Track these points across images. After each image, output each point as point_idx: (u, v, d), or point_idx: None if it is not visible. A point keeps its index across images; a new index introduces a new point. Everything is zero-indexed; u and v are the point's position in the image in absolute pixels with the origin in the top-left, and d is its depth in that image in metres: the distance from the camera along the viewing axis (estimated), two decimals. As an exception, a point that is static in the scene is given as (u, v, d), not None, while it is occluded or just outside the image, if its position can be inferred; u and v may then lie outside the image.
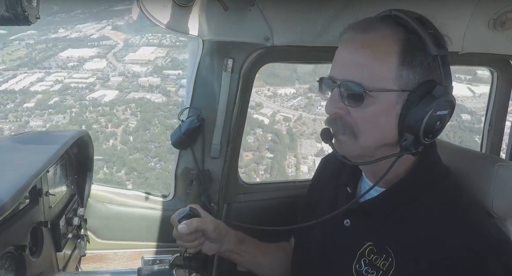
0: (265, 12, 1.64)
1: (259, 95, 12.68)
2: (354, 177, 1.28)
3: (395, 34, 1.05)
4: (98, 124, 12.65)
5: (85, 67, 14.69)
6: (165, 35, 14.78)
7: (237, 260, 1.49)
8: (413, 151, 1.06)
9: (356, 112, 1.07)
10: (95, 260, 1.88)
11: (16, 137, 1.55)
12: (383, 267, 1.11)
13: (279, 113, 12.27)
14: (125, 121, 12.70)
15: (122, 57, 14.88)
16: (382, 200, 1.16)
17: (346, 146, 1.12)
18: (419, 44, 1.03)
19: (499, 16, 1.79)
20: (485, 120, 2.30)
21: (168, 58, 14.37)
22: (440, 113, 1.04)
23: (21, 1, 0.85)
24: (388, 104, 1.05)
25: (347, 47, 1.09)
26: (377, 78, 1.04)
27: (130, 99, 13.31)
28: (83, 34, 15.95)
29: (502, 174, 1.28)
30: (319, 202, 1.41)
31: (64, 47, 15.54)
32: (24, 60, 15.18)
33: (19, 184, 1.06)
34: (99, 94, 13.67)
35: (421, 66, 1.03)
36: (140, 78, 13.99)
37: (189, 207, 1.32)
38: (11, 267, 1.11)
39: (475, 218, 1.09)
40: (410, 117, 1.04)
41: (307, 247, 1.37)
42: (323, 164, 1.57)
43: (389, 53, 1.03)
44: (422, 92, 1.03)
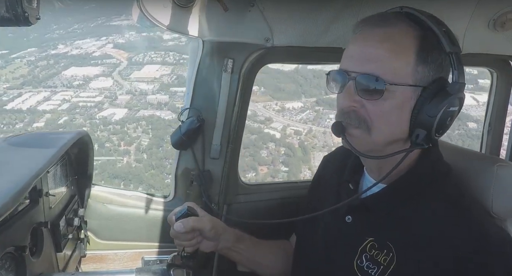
0: (265, 12, 1.64)
1: (268, 110, 12.93)
2: (356, 173, 1.29)
3: (412, 30, 1.06)
4: (110, 142, 12.78)
5: (91, 86, 14.86)
6: (168, 53, 15.10)
7: (235, 258, 1.49)
8: (425, 146, 1.08)
9: (372, 105, 1.07)
10: (95, 261, 1.88)
11: (16, 138, 1.55)
12: (384, 262, 1.12)
13: (289, 127, 12.47)
14: (137, 139, 12.89)
15: (128, 75, 15.08)
16: (383, 196, 1.17)
17: (358, 140, 1.12)
18: (435, 41, 1.05)
19: (499, 16, 1.80)
20: (485, 120, 2.30)
21: (173, 75, 14.52)
22: (452, 109, 1.06)
23: (21, 2, 0.85)
24: (404, 99, 1.06)
25: (364, 41, 1.08)
26: (396, 72, 1.04)
27: (140, 117, 13.50)
28: (84, 51, 16.12)
29: (502, 174, 1.28)
30: (321, 200, 1.41)
31: (66, 65, 15.71)
32: (28, 78, 15.32)
33: (19, 185, 1.06)
34: (108, 112, 13.82)
35: (436, 62, 1.06)
36: (148, 95, 14.16)
37: (186, 206, 1.32)
38: (11, 268, 1.11)
39: (476, 217, 1.09)
40: (424, 113, 1.05)
41: (309, 244, 1.37)
42: (324, 163, 1.57)
43: (407, 48, 1.05)
44: (435, 88, 1.06)
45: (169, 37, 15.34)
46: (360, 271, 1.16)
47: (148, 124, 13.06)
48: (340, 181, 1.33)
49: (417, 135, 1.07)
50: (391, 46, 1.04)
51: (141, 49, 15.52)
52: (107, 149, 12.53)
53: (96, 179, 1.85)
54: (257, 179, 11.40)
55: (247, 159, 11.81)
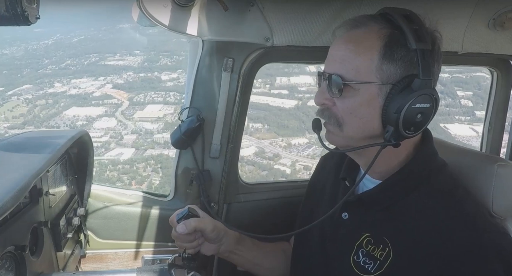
0: (265, 12, 1.64)
1: (274, 147, 13.11)
2: (352, 171, 1.31)
3: (380, 30, 1.09)
4: (121, 182, 12.81)
5: (95, 126, 14.85)
6: (168, 93, 15.26)
7: (236, 260, 1.49)
8: (393, 142, 1.09)
9: (340, 103, 1.13)
10: (95, 260, 1.88)
11: (16, 137, 1.54)
12: (380, 257, 1.13)
13: (297, 163, 12.57)
14: (148, 178, 12.87)
15: (131, 115, 15.19)
16: (378, 192, 1.19)
17: (332, 136, 1.18)
18: (401, 39, 1.07)
19: (499, 16, 1.79)
20: (485, 120, 2.30)
21: (176, 114, 14.50)
22: (420, 106, 1.07)
23: (21, 1, 0.85)
24: (369, 96, 1.09)
25: (336, 43, 1.15)
26: (357, 71, 1.09)
27: (148, 156, 13.53)
28: (82, 91, 16.19)
29: (502, 173, 1.28)
30: (319, 199, 1.43)
31: (67, 105, 15.76)
32: (28, 117, 15.31)
33: (19, 184, 1.06)
34: (116, 152, 13.82)
35: (403, 60, 1.07)
36: (155, 135, 14.22)
37: (187, 208, 1.32)
38: (11, 267, 1.11)
39: (471, 209, 1.11)
40: (390, 109, 1.08)
41: (307, 244, 1.38)
42: (321, 163, 1.58)
43: (370, 48, 1.08)
44: (402, 85, 1.07)
45: (168, 77, 15.61)
46: (356, 267, 1.17)
47: (157, 163, 13.16)
48: (337, 180, 1.34)
49: (387, 132, 1.10)
50: (354, 46, 1.10)
51: (141, 89, 15.70)
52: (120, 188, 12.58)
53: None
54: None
55: None
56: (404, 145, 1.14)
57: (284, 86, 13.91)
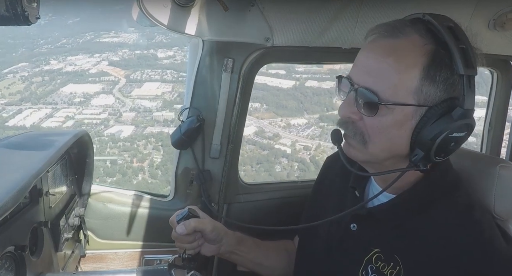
0: (265, 12, 1.64)
1: (274, 126, 13.03)
2: (362, 180, 1.25)
3: (423, 44, 0.99)
4: (122, 159, 12.76)
5: (93, 103, 14.85)
6: (165, 71, 15.13)
7: (237, 260, 1.48)
8: (422, 168, 1.03)
9: (369, 120, 1.03)
10: (95, 260, 1.88)
11: (16, 137, 1.54)
12: (390, 275, 1.10)
13: (297, 143, 12.54)
14: (149, 156, 12.81)
15: (129, 93, 15.09)
16: (392, 207, 1.14)
17: (354, 151, 1.10)
18: (447, 59, 0.97)
19: (499, 16, 1.79)
20: (485, 120, 2.30)
21: (174, 93, 14.58)
22: (456, 135, 0.99)
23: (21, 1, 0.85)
24: (403, 117, 1.01)
25: (370, 51, 1.04)
26: (395, 90, 0.99)
27: (148, 134, 13.47)
28: (78, 68, 16.10)
29: (504, 175, 1.28)
30: (324, 202, 1.40)
31: (64, 82, 15.68)
32: (25, 94, 15.27)
33: (20, 184, 1.06)
34: (115, 129, 13.80)
35: (445, 83, 0.98)
36: (154, 112, 14.19)
37: (187, 208, 1.32)
38: (11, 267, 1.11)
39: (486, 232, 1.06)
40: (423, 134, 1.00)
41: (311, 246, 1.36)
42: (327, 164, 1.54)
43: (413, 65, 0.98)
44: (441, 110, 0.99)
45: (164, 55, 15.46)
46: None
47: (158, 140, 13.10)
48: (345, 185, 1.30)
49: (415, 155, 1.02)
50: (394, 61, 0.99)
51: (138, 67, 15.63)
52: (121, 166, 12.61)
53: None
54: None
55: (263, 174, 11.90)
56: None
57: (281, 66, 13.64)
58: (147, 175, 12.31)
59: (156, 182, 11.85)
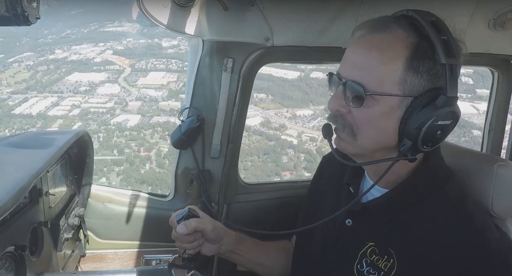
0: (265, 12, 1.64)
1: (280, 117, 13.03)
2: (357, 176, 1.28)
3: (406, 37, 1.03)
4: (129, 148, 12.78)
5: (98, 92, 14.82)
6: (170, 60, 15.06)
7: (237, 260, 1.49)
8: (410, 157, 1.05)
9: (357, 112, 1.07)
10: (95, 260, 1.88)
11: (16, 137, 1.54)
12: (384, 268, 1.11)
13: (304, 134, 12.57)
14: (156, 145, 12.81)
15: (134, 82, 15.05)
16: (384, 201, 1.16)
17: (344, 144, 1.13)
18: (429, 50, 1.01)
19: (499, 16, 1.79)
20: (485, 120, 2.30)
21: (180, 82, 14.61)
22: (441, 123, 1.02)
23: (21, 1, 0.85)
24: (389, 108, 1.04)
25: (356, 46, 1.09)
26: (380, 81, 1.03)
27: (155, 123, 13.47)
28: (83, 56, 16.05)
29: (502, 173, 1.28)
30: (321, 201, 1.41)
31: (69, 70, 15.63)
32: (30, 83, 15.24)
33: (19, 184, 1.06)
34: (122, 118, 13.78)
35: (428, 73, 1.02)
36: (161, 102, 14.16)
37: (187, 208, 1.32)
38: (11, 267, 1.11)
39: (478, 223, 1.08)
40: (410, 124, 1.03)
41: (308, 245, 1.37)
42: (324, 163, 1.56)
43: (396, 57, 1.02)
44: (426, 100, 1.02)
45: (168, 44, 15.37)
46: None
47: (164, 130, 13.08)
48: (340, 183, 1.32)
49: (403, 145, 1.06)
50: (378, 54, 1.03)
51: (142, 56, 15.59)
52: (128, 155, 12.62)
53: (122, 184, 1.86)
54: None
55: (270, 165, 11.94)
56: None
57: None
58: (154, 164, 12.30)
59: (163, 171, 11.83)
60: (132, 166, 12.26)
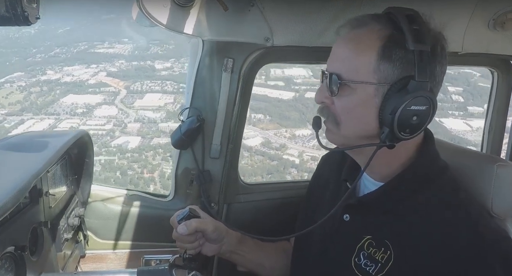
0: (265, 12, 1.64)
1: (279, 137, 13.27)
2: (354, 172, 1.29)
3: (380, 30, 1.09)
4: (132, 170, 12.85)
5: (96, 114, 14.86)
6: (165, 82, 15.19)
7: (237, 260, 1.49)
8: (388, 143, 1.08)
9: (337, 101, 1.13)
10: (95, 260, 1.88)
11: (16, 138, 1.55)
12: (381, 260, 1.13)
13: (304, 153, 12.74)
14: (159, 166, 12.91)
15: (131, 104, 15.16)
16: (379, 194, 1.19)
17: (331, 134, 1.19)
18: (401, 40, 1.05)
19: (499, 16, 1.79)
20: (485, 120, 2.30)
21: (177, 104, 14.68)
22: (415, 108, 1.05)
23: (21, 1, 0.85)
24: (365, 96, 1.09)
25: (338, 42, 1.16)
26: (356, 71, 1.09)
27: (156, 145, 13.56)
28: (76, 78, 16.10)
29: (502, 173, 1.28)
30: (320, 199, 1.42)
31: (63, 92, 15.65)
32: (25, 104, 15.22)
33: (20, 184, 1.06)
34: (122, 140, 13.84)
35: (401, 61, 1.06)
36: (159, 123, 14.27)
37: (188, 208, 1.32)
38: (11, 267, 1.11)
39: (474, 214, 1.11)
40: (386, 110, 1.07)
41: (307, 244, 1.37)
42: (323, 162, 1.57)
43: (369, 48, 1.08)
44: (399, 86, 1.06)
45: (161, 66, 15.53)
46: (358, 269, 1.17)
47: (166, 151, 13.17)
48: (339, 181, 1.34)
49: (382, 132, 1.09)
50: (354, 46, 1.10)
51: (136, 78, 15.70)
52: (132, 176, 12.70)
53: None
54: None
55: None
56: (405, 146, 1.13)
57: (279, 78, 13.89)
58: (158, 186, 12.39)
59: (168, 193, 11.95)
60: (137, 187, 12.30)
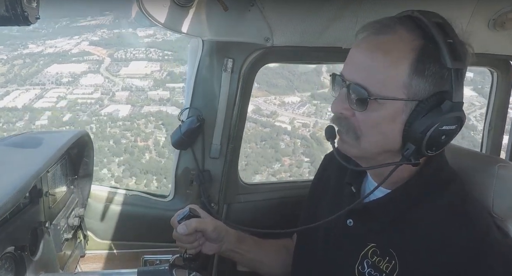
0: (265, 12, 1.64)
1: (269, 105, 13.11)
2: (359, 176, 1.27)
3: (411, 40, 1.01)
4: (125, 138, 12.73)
5: (82, 83, 14.74)
6: (149, 49, 15.00)
7: (238, 259, 1.49)
8: (413, 161, 1.04)
9: (360, 115, 1.05)
10: (95, 260, 1.88)
11: (16, 137, 1.54)
12: (386, 270, 1.10)
13: (295, 120, 12.69)
14: (152, 135, 12.81)
15: (117, 72, 14.96)
16: (386, 202, 1.15)
17: (348, 147, 1.12)
18: (435, 54, 0.99)
19: (499, 16, 1.79)
20: (485, 120, 2.30)
21: (163, 72, 14.59)
22: (446, 128, 1.01)
23: (21, 1, 0.85)
24: (393, 112, 1.03)
25: (360, 48, 1.07)
26: (385, 84, 1.01)
27: (147, 113, 13.45)
28: (59, 49, 15.91)
29: (503, 174, 1.28)
30: (322, 199, 1.41)
31: (47, 62, 15.47)
32: (9, 76, 15.09)
33: (19, 184, 1.06)
34: (112, 109, 13.72)
35: (434, 76, 1.00)
36: (149, 92, 14.13)
37: (188, 208, 1.32)
38: (11, 267, 1.11)
39: (482, 225, 1.07)
40: (414, 128, 1.02)
41: (309, 244, 1.37)
42: (325, 162, 1.55)
43: (401, 60, 1.00)
44: (431, 104, 1.01)
45: (144, 34, 15.23)
46: None
47: (158, 119, 13.07)
48: (341, 182, 1.31)
49: (407, 149, 1.04)
50: (383, 57, 1.01)
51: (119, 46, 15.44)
52: (126, 145, 12.57)
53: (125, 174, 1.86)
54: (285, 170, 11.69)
55: (269, 151, 12.06)
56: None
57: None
58: (154, 154, 12.30)
59: (165, 160, 11.85)
60: (132, 156, 12.24)
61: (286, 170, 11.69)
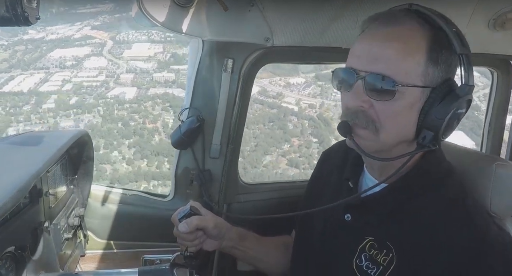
0: (265, 12, 1.64)
1: (274, 86, 13.19)
2: (356, 171, 1.28)
3: (421, 29, 1.04)
4: (134, 120, 12.72)
5: (86, 66, 14.67)
6: (151, 31, 14.79)
7: (238, 255, 1.49)
8: (432, 148, 1.07)
9: (381, 106, 1.04)
10: (95, 260, 1.88)
11: (16, 137, 1.55)
12: (383, 263, 1.11)
13: (301, 101, 12.77)
14: (160, 117, 12.80)
15: (120, 55, 14.94)
16: (383, 195, 1.16)
17: (365, 141, 1.09)
18: (445, 41, 1.04)
19: (499, 16, 1.79)
20: (485, 120, 2.30)
21: (167, 53, 14.44)
22: (459, 112, 1.05)
23: (21, 1, 0.85)
24: (413, 100, 1.04)
25: (372, 39, 1.06)
26: (407, 72, 1.02)
27: (153, 95, 13.42)
28: (61, 35, 15.91)
29: (501, 173, 1.28)
30: (320, 196, 1.41)
31: (50, 48, 15.46)
32: (12, 62, 15.09)
33: (19, 184, 1.06)
34: (118, 91, 13.71)
35: (446, 63, 1.04)
36: (155, 74, 14.07)
37: (189, 206, 1.32)
38: (11, 267, 1.11)
39: (480, 220, 1.08)
40: (432, 114, 1.04)
41: (307, 240, 1.37)
42: (324, 158, 1.56)
43: (417, 49, 1.03)
44: (445, 90, 1.04)
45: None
46: (359, 271, 1.16)
47: (165, 101, 13.01)
48: (340, 178, 1.32)
49: (423, 137, 1.06)
50: (400, 46, 1.02)
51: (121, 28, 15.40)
52: (135, 127, 12.52)
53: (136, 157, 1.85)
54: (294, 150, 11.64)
55: (278, 132, 12.12)
56: (411, 147, 1.11)
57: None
58: (163, 136, 12.25)
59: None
60: (142, 138, 12.18)
61: (296, 151, 11.69)
